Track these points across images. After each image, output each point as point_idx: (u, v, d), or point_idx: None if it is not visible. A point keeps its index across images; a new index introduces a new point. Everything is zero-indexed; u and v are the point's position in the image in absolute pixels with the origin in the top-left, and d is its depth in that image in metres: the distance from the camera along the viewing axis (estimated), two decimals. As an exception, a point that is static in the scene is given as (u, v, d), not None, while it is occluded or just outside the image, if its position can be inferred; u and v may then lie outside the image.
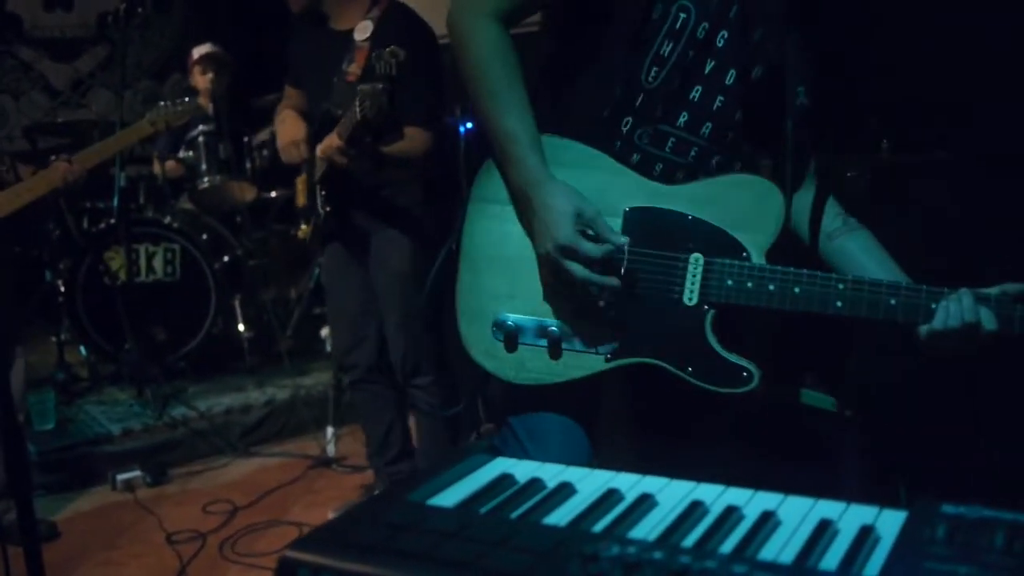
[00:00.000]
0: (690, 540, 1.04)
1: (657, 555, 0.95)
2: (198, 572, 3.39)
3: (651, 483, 1.20)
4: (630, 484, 1.20)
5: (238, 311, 5.37)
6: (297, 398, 4.84)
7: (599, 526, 1.09)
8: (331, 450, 4.47)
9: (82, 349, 5.10)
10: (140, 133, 3.94)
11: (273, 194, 5.49)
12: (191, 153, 5.23)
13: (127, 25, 4.81)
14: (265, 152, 5.24)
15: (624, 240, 1.68)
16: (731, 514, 1.09)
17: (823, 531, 1.04)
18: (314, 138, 3.29)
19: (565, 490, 1.19)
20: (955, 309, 1.60)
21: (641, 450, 2.00)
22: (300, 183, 3.56)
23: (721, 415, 1.91)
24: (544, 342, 1.75)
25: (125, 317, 4.68)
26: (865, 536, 1.02)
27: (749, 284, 1.68)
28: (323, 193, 3.32)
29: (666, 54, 1.71)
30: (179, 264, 5.14)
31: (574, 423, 1.84)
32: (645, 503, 1.14)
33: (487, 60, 1.73)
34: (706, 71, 1.73)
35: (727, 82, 1.75)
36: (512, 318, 1.76)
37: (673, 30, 1.70)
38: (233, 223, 5.52)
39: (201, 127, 5.18)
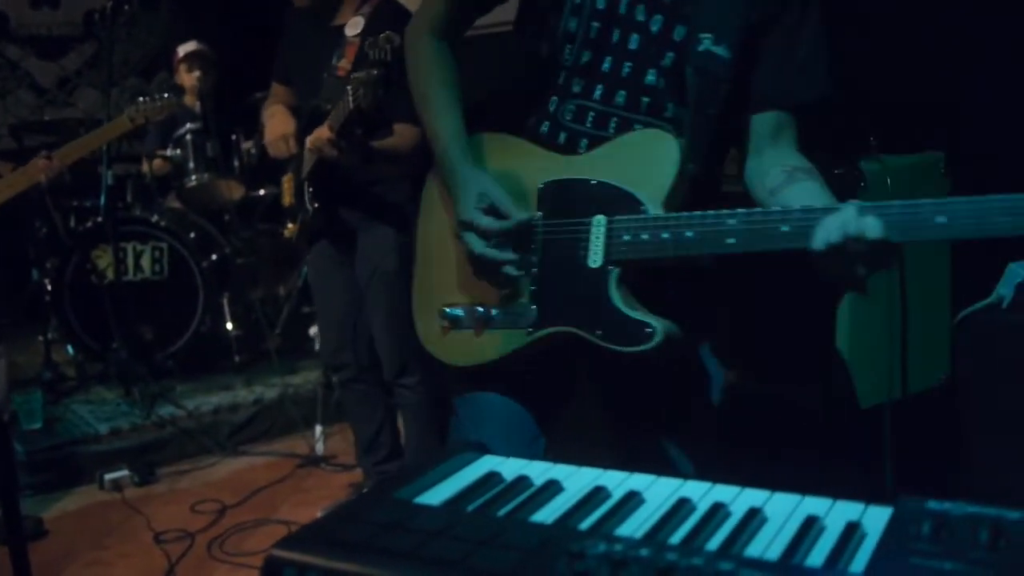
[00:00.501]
0: (677, 537, 1.04)
1: (644, 552, 0.95)
2: (186, 571, 3.38)
3: (638, 480, 1.20)
4: (617, 482, 1.20)
5: (226, 310, 5.36)
6: (286, 397, 4.82)
7: (586, 524, 1.09)
8: (320, 449, 4.47)
9: (69, 348, 5.07)
10: (119, 128, 3.93)
11: (261, 192, 5.47)
12: (178, 151, 5.21)
13: (114, 23, 4.79)
14: (253, 151, 5.23)
15: (524, 216, 1.74)
16: (717, 511, 1.09)
17: (809, 528, 1.04)
18: (302, 133, 3.27)
19: (552, 488, 1.19)
20: (834, 222, 1.46)
21: (587, 427, 1.99)
22: (286, 182, 3.55)
23: (656, 385, 1.87)
24: (465, 316, 1.83)
25: (112, 316, 4.67)
26: (851, 533, 1.02)
27: (644, 236, 1.65)
28: (311, 190, 3.31)
29: (573, 30, 1.76)
30: (167, 263, 5.12)
31: (515, 403, 1.88)
32: (632, 500, 1.14)
33: (420, 70, 1.92)
34: (613, 40, 1.75)
35: (631, 47, 1.75)
36: (453, 307, 1.85)
37: (574, 5, 1.75)
38: (221, 221, 5.50)
39: (188, 125, 5.17)
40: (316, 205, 3.31)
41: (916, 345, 2.46)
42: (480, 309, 1.81)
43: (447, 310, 1.86)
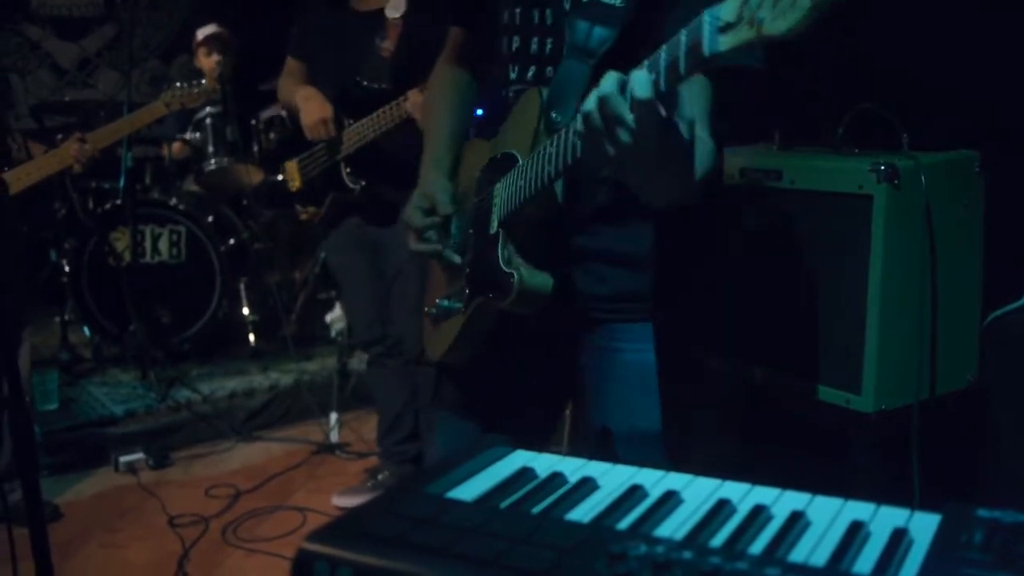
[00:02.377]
0: (718, 540, 1.02)
1: (687, 555, 0.93)
2: (200, 556, 3.38)
3: (675, 480, 1.17)
4: (654, 480, 1.17)
5: (243, 294, 5.36)
6: (301, 383, 4.82)
7: (624, 523, 1.06)
8: (334, 436, 4.46)
9: (86, 330, 5.07)
10: (154, 114, 3.92)
11: (280, 177, 5.44)
12: (198, 135, 5.21)
13: (135, 5, 4.78)
14: (272, 135, 5.21)
15: (449, 210, 1.89)
16: (759, 514, 1.06)
17: (855, 533, 1.01)
18: (337, 113, 3.33)
19: (587, 485, 1.16)
20: (592, 91, 1.36)
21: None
22: (292, 168, 3.58)
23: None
24: (436, 313, 1.93)
25: (130, 298, 4.67)
26: (899, 539, 0.99)
27: (512, 188, 1.69)
28: (348, 170, 3.33)
29: (506, 21, 1.82)
30: (184, 246, 5.12)
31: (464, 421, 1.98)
32: (670, 500, 1.11)
33: (430, 93, 2.13)
34: (534, 22, 1.78)
35: (548, 23, 1.76)
36: (430, 306, 1.97)
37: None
38: (239, 206, 5.50)
39: (208, 109, 5.16)
40: (363, 183, 3.32)
41: (944, 346, 2.43)
42: (441, 301, 1.91)
43: (427, 309, 1.99)
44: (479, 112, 4.45)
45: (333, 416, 4.53)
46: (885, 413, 2.35)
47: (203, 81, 4.05)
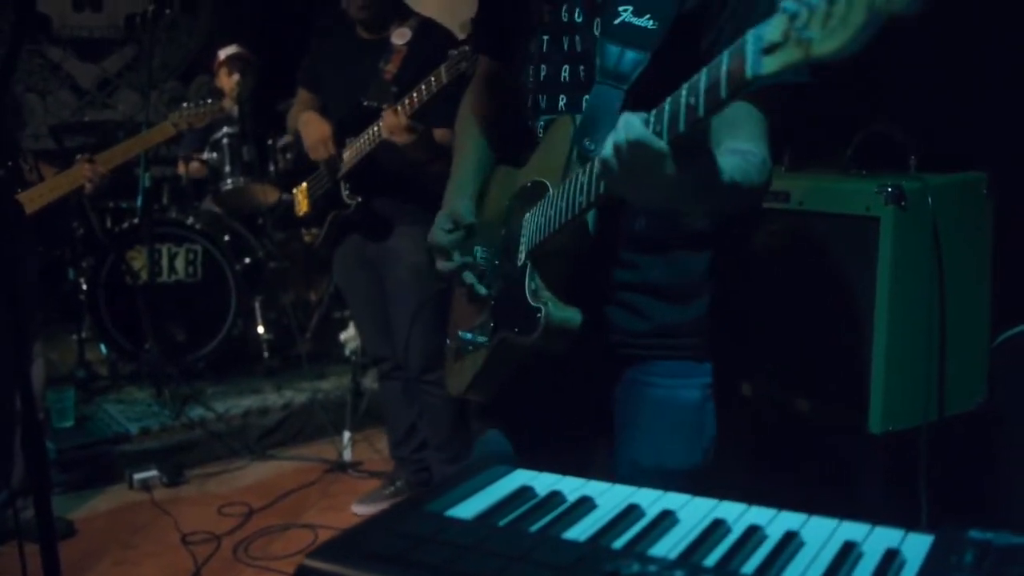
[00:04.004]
0: (712, 559, 1.03)
1: (678, 574, 0.94)
2: (212, 573, 3.39)
3: (673, 499, 1.19)
4: (651, 500, 1.19)
5: (258, 313, 5.39)
6: (315, 402, 4.83)
7: (619, 542, 1.07)
8: (347, 455, 4.47)
9: (103, 347, 5.11)
10: (163, 134, 3.96)
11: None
12: (215, 155, 5.25)
13: (154, 26, 4.84)
14: (289, 155, 5.26)
15: (469, 220, 1.84)
16: (754, 533, 1.08)
17: (848, 553, 1.02)
18: (336, 132, 3.41)
19: (585, 504, 1.18)
20: (608, 140, 1.35)
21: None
22: (300, 193, 3.67)
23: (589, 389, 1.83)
24: (460, 347, 1.87)
25: (146, 317, 4.70)
26: (891, 560, 1.00)
27: (542, 218, 1.63)
28: (348, 187, 3.39)
29: (533, 50, 1.78)
30: (200, 265, 5.16)
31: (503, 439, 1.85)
32: (666, 520, 1.12)
33: (458, 120, 2.07)
34: (564, 49, 1.74)
35: (579, 50, 1.72)
36: (454, 339, 1.90)
37: (531, 28, 1.78)
38: (255, 225, 5.54)
39: (225, 129, 5.20)
40: (359, 199, 3.41)
41: (953, 368, 2.43)
42: (464, 334, 1.84)
43: (448, 342, 1.95)
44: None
45: (347, 434, 4.54)
46: (893, 434, 2.35)
47: (210, 100, 4.09)
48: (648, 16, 1.60)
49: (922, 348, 2.38)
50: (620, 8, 1.62)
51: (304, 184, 3.69)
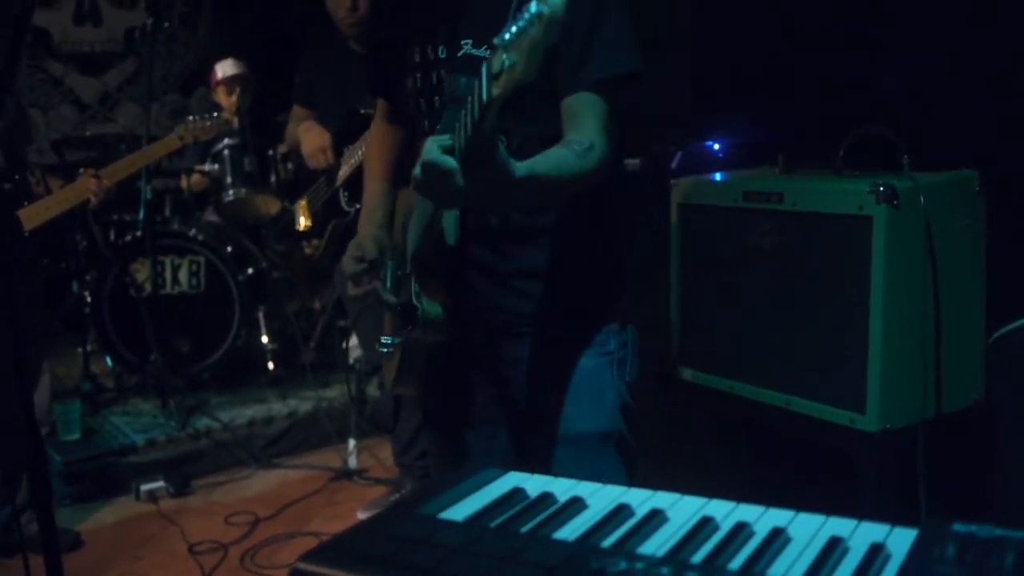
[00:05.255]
0: (699, 556, 1.04)
1: (664, 571, 0.96)
2: (219, 583, 3.41)
3: (662, 499, 1.20)
4: (641, 499, 1.20)
5: (262, 323, 5.41)
6: (319, 410, 4.85)
7: (608, 541, 1.09)
8: (352, 462, 4.49)
9: (108, 360, 5.14)
10: (168, 147, 3.98)
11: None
12: (216, 166, 5.27)
13: (154, 40, 4.86)
14: (290, 165, 5.29)
15: (373, 256, 2.03)
16: (741, 530, 1.09)
17: (833, 548, 1.03)
18: (336, 141, 3.45)
19: (575, 505, 1.19)
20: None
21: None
22: (300, 208, 3.69)
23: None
24: (385, 349, 2.10)
25: (150, 328, 4.72)
26: (875, 554, 1.02)
27: (416, 231, 1.92)
28: (346, 194, 3.41)
29: (410, 86, 2.00)
30: (204, 276, 5.18)
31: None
32: (655, 519, 1.14)
33: (366, 148, 2.31)
34: (433, 82, 1.95)
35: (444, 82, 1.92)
36: (380, 344, 2.12)
37: (408, 66, 1.99)
38: (258, 236, 5.56)
39: (226, 140, 5.22)
40: (359, 206, 3.41)
41: (949, 365, 2.44)
42: (384, 337, 2.10)
43: (376, 347, 2.14)
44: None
45: (351, 442, 4.55)
46: (890, 432, 2.36)
47: (216, 114, 4.11)
48: (484, 47, 1.77)
49: (918, 346, 2.39)
50: (462, 42, 1.84)
51: (303, 200, 3.72)
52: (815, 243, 2.50)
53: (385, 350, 2.10)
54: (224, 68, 5.49)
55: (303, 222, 3.72)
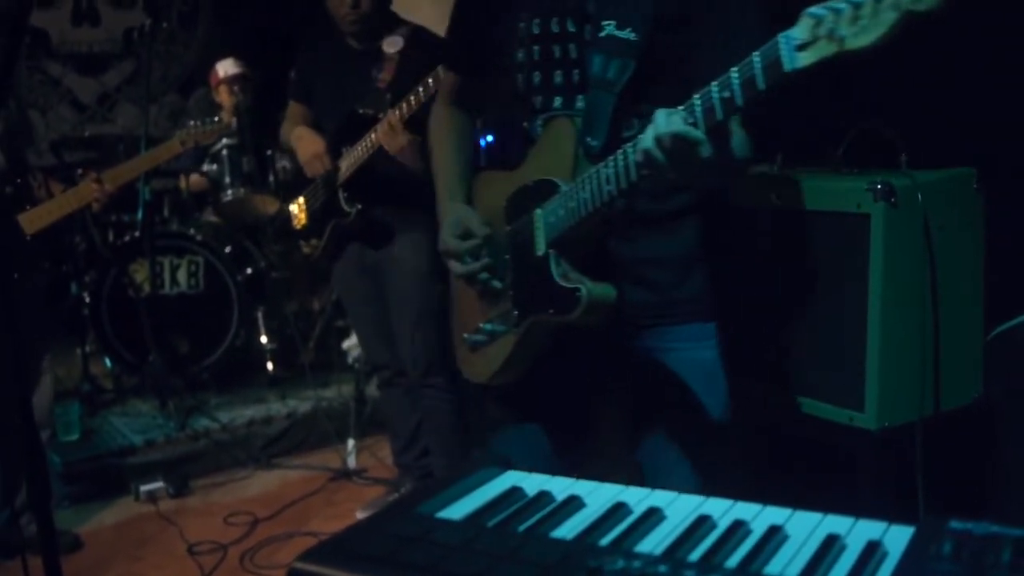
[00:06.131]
0: (696, 554, 1.04)
1: (662, 569, 0.96)
2: (218, 583, 3.42)
3: (660, 497, 1.21)
4: (639, 498, 1.20)
5: (261, 323, 5.41)
6: (319, 410, 4.85)
7: (606, 540, 1.09)
8: (352, 462, 4.49)
9: (107, 361, 5.14)
10: (170, 151, 3.98)
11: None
12: (215, 166, 5.28)
13: (152, 40, 4.86)
14: (288, 165, 5.29)
15: (486, 230, 1.96)
16: (738, 528, 1.09)
17: (830, 546, 1.04)
18: (332, 142, 3.45)
19: (573, 503, 1.20)
20: (648, 128, 1.53)
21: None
22: (297, 207, 3.69)
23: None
24: (482, 339, 1.99)
25: (149, 329, 4.72)
26: (872, 551, 1.02)
27: (561, 211, 1.78)
28: (345, 195, 3.42)
29: (522, 58, 1.93)
30: (202, 276, 5.18)
31: (532, 427, 2.06)
32: (653, 517, 1.14)
33: (433, 132, 2.23)
34: (556, 56, 1.89)
35: (572, 56, 1.87)
36: (471, 334, 2.02)
37: (518, 39, 1.93)
38: (257, 236, 5.56)
39: (225, 141, 5.22)
40: (358, 206, 3.43)
41: (948, 363, 2.44)
42: (485, 326, 1.98)
43: (465, 337, 2.04)
44: (490, 138, 4.59)
45: (351, 442, 4.56)
46: (889, 430, 2.36)
47: (217, 118, 4.11)
48: (629, 29, 1.78)
49: (916, 343, 2.39)
50: (604, 23, 1.80)
51: (301, 198, 3.72)
52: (813, 241, 2.50)
53: (481, 339, 2.00)
54: (226, 67, 5.49)
55: (300, 221, 3.73)
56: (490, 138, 4.36)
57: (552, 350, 1.94)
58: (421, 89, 3.04)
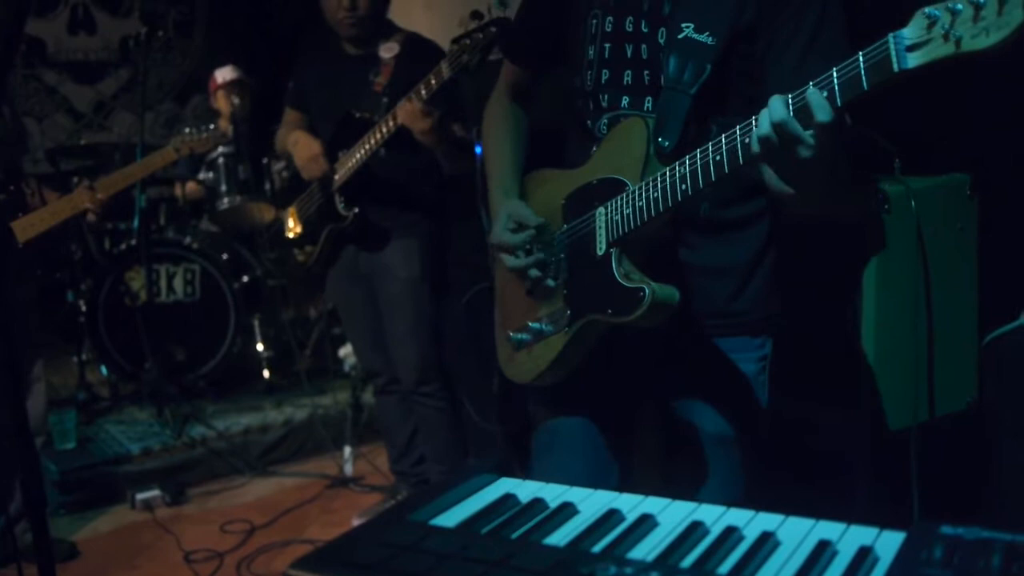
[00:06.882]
0: (688, 561, 1.05)
1: (654, 575, 0.96)
2: (215, 591, 3.41)
3: (652, 504, 1.21)
4: (632, 505, 1.21)
5: (257, 331, 5.41)
6: (315, 417, 4.85)
7: (598, 546, 1.09)
8: (348, 469, 4.49)
9: (103, 369, 5.13)
10: (164, 159, 3.98)
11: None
12: (211, 174, 5.28)
13: (149, 48, 4.87)
14: (284, 173, 5.29)
15: (540, 220, 1.91)
16: (730, 535, 1.10)
17: (821, 552, 1.04)
18: (328, 146, 3.46)
19: (566, 510, 1.20)
20: (762, 115, 1.47)
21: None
22: (289, 215, 3.70)
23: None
24: (528, 337, 1.95)
25: (145, 337, 4.72)
26: (863, 557, 1.02)
27: (627, 210, 1.74)
28: (342, 199, 3.42)
29: (591, 56, 1.91)
30: (199, 284, 5.18)
31: (581, 422, 2.02)
32: (645, 523, 1.14)
33: (488, 126, 2.19)
34: (627, 56, 1.86)
35: (644, 57, 1.84)
36: (516, 331, 1.99)
37: (589, 36, 1.91)
38: (253, 243, 5.56)
39: (221, 149, 5.22)
40: (356, 210, 3.44)
41: (942, 368, 2.44)
42: (533, 324, 1.94)
43: (511, 335, 2.00)
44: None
45: (347, 450, 4.55)
46: (883, 435, 2.37)
47: (212, 126, 4.11)
48: (708, 33, 1.75)
49: (911, 350, 2.39)
50: (683, 24, 1.78)
51: (292, 207, 3.73)
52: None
53: (527, 337, 1.96)
54: (224, 74, 5.51)
55: (294, 231, 3.73)
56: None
57: (598, 351, 1.91)
58: (432, 79, 3.04)
